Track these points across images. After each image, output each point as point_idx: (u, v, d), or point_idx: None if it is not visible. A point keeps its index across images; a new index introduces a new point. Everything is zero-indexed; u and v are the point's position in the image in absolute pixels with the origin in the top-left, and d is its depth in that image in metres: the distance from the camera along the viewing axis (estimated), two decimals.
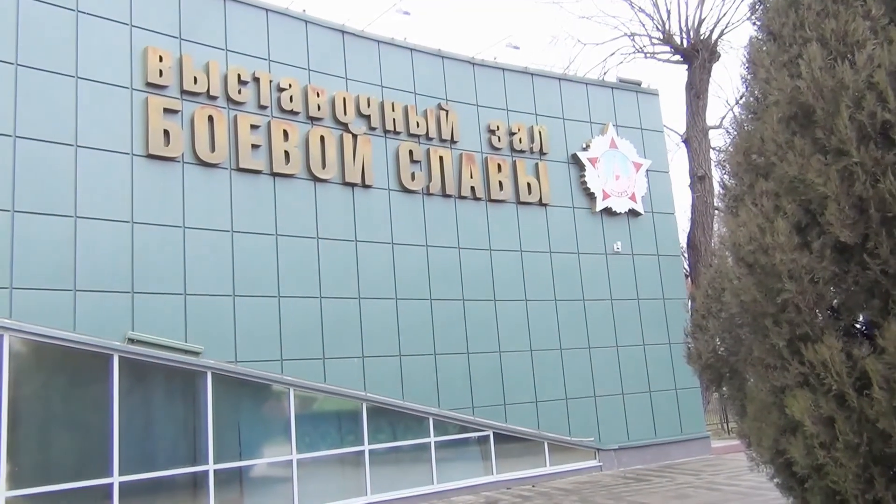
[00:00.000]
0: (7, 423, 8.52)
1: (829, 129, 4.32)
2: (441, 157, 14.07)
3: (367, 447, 11.69)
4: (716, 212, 21.78)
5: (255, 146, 11.96)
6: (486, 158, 14.70)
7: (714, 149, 21.65)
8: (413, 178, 13.67)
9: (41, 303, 9.48)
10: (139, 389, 9.94)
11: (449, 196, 14.07)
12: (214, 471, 10.04)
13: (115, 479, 9.18)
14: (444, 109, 14.40)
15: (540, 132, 15.46)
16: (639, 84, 17.58)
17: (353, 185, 12.94)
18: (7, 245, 9.43)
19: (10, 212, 9.55)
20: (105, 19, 10.94)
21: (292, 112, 12.54)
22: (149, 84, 11.13)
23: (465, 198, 14.25)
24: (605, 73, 22.23)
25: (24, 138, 9.86)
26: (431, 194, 13.87)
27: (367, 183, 13.06)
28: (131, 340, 9.96)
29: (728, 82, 46.96)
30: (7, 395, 8.61)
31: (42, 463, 9.05)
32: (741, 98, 5.66)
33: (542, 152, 15.44)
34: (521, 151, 15.19)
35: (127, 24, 11.15)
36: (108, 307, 10.02)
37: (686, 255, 21.91)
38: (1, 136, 9.68)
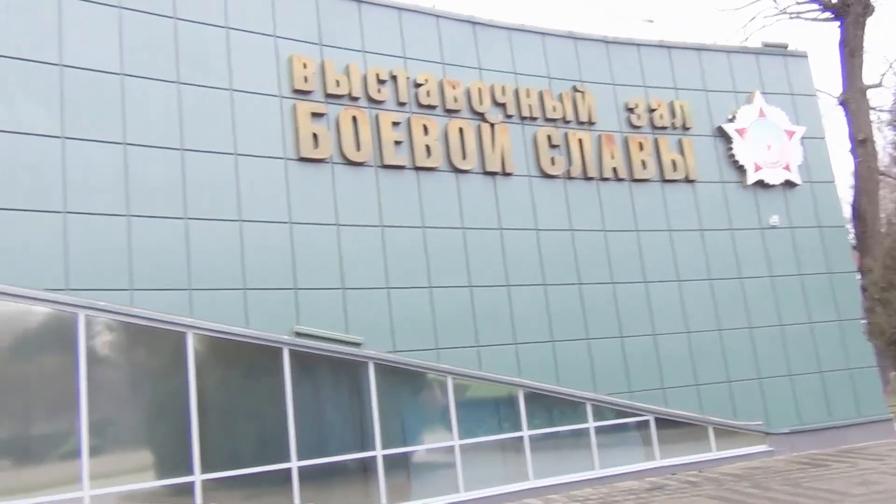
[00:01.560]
0: (196, 414, 9.23)
1: None
2: (580, 140, 13.86)
3: (526, 433, 11.74)
4: (881, 177, 20.16)
5: (397, 142, 12.24)
6: (627, 138, 14.33)
7: (874, 109, 20.00)
8: (553, 162, 13.54)
9: (216, 301, 10.14)
10: (308, 380, 10.46)
11: (591, 179, 13.84)
12: (383, 456, 10.43)
13: (294, 464, 9.76)
14: (579, 91, 14.16)
15: (681, 107, 14.90)
16: (785, 47, 16.56)
17: (493, 173, 12.98)
18: (184, 250, 10.16)
19: (184, 219, 10.28)
20: (253, 33, 11.54)
21: (430, 106, 12.74)
22: (296, 90, 11.64)
23: (607, 179, 13.97)
24: (746, 39, 21.08)
25: (190, 150, 10.58)
26: (573, 178, 13.69)
27: (507, 171, 13.07)
28: (298, 334, 10.47)
29: (885, 37, 43.00)
30: (195, 388, 9.32)
31: (228, 449, 9.74)
32: None
33: (685, 127, 14.87)
34: (663, 128, 14.69)
35: (272, 36, 11.71)
36: (275, 303, 10.56)
37: (852, 225, 20.27)
38: (171, 150, 10.43)
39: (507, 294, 12.53)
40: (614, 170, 14.02)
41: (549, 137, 13.61)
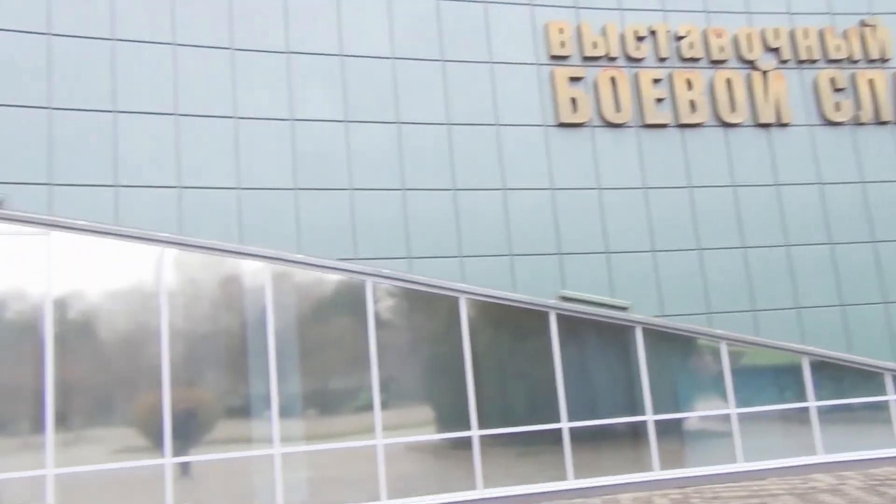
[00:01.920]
0: (472, 373, 9.82)
1: None
2: (871, 81, 12.33)
3: (813, 403, 10.89)
4: None
5: (658, 100, 11.78)
6: None
7: None
8: (838, 108, 12.18)
9: (485, 268, 10.60)
10: (575, 343, 10.59)
11: (885, 123, 12.30)
12: (654, 421, 10.30)
13: (565, 425, 9.99)
14: (868, 25, 12.54)
15: None
16: None
17: (767, 125, 12.00)
18: (453, 218, 10.71)
19: (453, 190, 10.82)
20: (509, 4, 11.71)
21: (693, 59, 12.06)
22: (553, 57, 11.63)
23: None
24: None
25: (456, 124, 11.08)
26: (862, 124, 12.25)
27: (783, 121, 12.01)
28: (564, 298, 10.62)
29: None
30: (469, 349, 9.92)
31: (502, 407, 10.25)
32: None
33: None
34: None
35: (528, 5, 11.80)
36: (540, 268, 10.78)
37: None
38: (439, 126, 10.99)
39: (787, 254, 11.57)
40: None
41: (832, 80, 12.27)
